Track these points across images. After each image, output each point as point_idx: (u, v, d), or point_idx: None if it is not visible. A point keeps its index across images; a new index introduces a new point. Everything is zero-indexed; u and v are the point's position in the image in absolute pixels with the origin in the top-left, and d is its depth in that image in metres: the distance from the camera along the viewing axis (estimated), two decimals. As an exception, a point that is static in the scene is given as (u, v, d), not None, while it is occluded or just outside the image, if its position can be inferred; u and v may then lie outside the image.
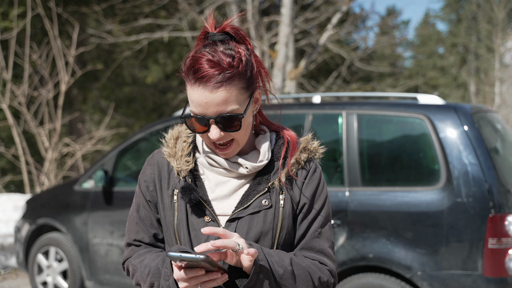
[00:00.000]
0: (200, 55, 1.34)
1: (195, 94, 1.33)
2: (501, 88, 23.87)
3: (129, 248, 1.53)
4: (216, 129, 1.35)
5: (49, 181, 8.76)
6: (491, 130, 3.75)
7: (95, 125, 18.18)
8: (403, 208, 3.44)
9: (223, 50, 1.34)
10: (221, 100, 1.32)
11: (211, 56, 1.33)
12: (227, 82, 1.32)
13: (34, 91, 9.40)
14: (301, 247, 1.45)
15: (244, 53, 1.37)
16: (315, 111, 3.95)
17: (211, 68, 1.31)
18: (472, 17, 32.16)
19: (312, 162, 1.49)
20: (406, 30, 36.54)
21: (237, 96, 1.34)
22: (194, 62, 1.34)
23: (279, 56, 9.39)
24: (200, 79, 1.32)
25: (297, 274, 1.37)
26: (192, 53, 1.37)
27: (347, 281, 3.57)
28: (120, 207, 4.60)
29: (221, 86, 1.31)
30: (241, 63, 1.35)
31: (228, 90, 1.32)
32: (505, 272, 3.22)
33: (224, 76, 1.31)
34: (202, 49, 1.36)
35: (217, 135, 1.35)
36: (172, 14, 13.12)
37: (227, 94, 1.32)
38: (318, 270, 1.42)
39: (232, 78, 1.32)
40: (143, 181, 1.52)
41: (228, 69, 1.32)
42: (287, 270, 1.35)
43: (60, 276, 5.08)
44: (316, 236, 1.45)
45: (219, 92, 1.31)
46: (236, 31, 1.39)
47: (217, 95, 1.32)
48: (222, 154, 1.41)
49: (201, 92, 1.32)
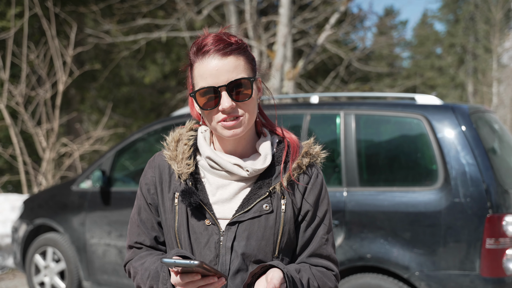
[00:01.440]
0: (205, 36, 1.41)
1: (205, 65, 1.37)
2: (498, 88, 23.91)
3: (131, 251, 1.54)
4: (228, 98, 1.36)
5: (46, 181, 8.74)
6: (488, 130, 3.75)
7: (93, 125, 18.16)
8: (401, 208, 3.44)
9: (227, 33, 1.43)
10: (232, 67, 1.36)
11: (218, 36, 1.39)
12: (236, 52, 1.38)
13: (31, 91, 9.38)
14: (309, 254, 1.47)
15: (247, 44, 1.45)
16: (313, 111, 3.95)
17: (218, 41, 1.37)
18: (470, 17, 32.21)
19: (314, 167, 1.48)
20: (404, 30, 36.61)
21: (245, 67, 1.39)
22: (201, 41, 1.40)
23: (277, 56, 9.39)
24: (209, 50, 1.37)
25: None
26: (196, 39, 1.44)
27: (345, 281, 3.57)
28: (117, 207, 4.59)
29: (231, 54, 1.37)
30: (247, 46, 1.42)
31: (237, 58, 1.38)
32: (502, 272, 3.23)
33: (232, 47, 1.37)
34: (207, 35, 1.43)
35: (228, 103, 1.35)
36: (170, 14, 13.11)
37: (237, 61, 1.37)
38: (328, 281, 1.45)
39: (239, 50, 1.38)
40: (144, 183, 1.52)
41: (234, 43, 1.38)
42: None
43: (57, 276, 5.07)
44: (324, 243, 1.47)
45: (229, 58, 1.36)
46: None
47: (227, 61, 1.36)
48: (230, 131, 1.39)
49: (211, 60, 1.36)
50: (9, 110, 9.29)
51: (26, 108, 9.19)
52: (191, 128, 1.53)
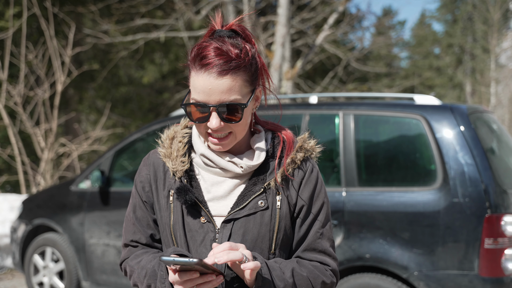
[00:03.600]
0: (208, 44, 1.35)
1: (200, 80, 1.33)
2: (496, 88, 23.94)
3: (127, 249, 1.53)
4: (217, 118, 1.34)
5: (45, 181, 8.74)
6: (487, 130, 3.76)
7: (91, 125, 18.13)
8: (400, 209, 3.45)
9: (231, 42, 1.35)
10: (226, 88, 1.31)
11: (219, 45, 1.33)
12: (233, 71, 1.32)
13: (30, 91, 9.37)
14: (304, 249, 1.46)
15: (250, 49, 1.38)
16: (312, 111, 3.95)
17: (218, 55, 1.31)
18: (468, 17, 32.24)
19: (308, 161, 1.47)
20: (402, 30, 36.65)
21: (241, 88, 1.34)
22: (202, 49, 1.34)
23: (276, 56, 9.40)
24: (207, 65, 1.31)
25: (299, 285, 1.38)
26: (199, 42, 1.38)
27: (344, 281, 3.58)
28: (116, 207, 4.59)
29: (227, 74, 1.31)
30: (248, 57, 1.35)
31: (233, 79, 1.32)
32: (501, 272, 3.23)
33: (231, 65, 1.31)
34: (209, 39, 1.37)
35: (216, 124, 1.34)
36: (169, 14, 13.11)
37: (232, 82, 1.32)
38: (321, 274, 1.42)
39: (238, 68, 1.32)
40: (139, 181, 1.52)
41: (235, 59, 1.32)
42: (288, 283, 1.36)
43: (56, 276, 5.07)
44: (318, 238, 1.45)
45: (224, 79, 1.31)
46: (243, 30, 1.40)
47: (222, 82, 1.31)
48: (217, 146, 1.39)
49: (206, 78, 1.32)
50: (8, 110, 9.28)
51: (24, 108, 9.18)
52: (186, 126, 1.52)
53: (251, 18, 9.97)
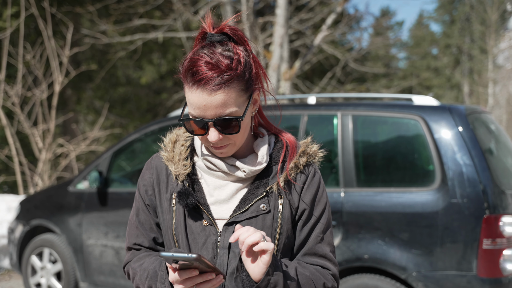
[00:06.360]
0: (198, 57, 1.32)
1: (194, 96, 1.32)
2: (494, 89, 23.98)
3: (130, 252, 1.54)
4: (215, 131, 1.34)
5: (42, 182, 8.72)
6: (485, 131, 3.77)
7: (89, 125, 18.11)
8: (398, 209, 3.45)
9: (221, 51, 1.33)
10: (220, 103, 1.31)
11: (209, 58, 1.31)
12: (226, 85, 1.30)
13: (27, 92, 9.36)
14: (304, 253, 1.46)
15: (243, 54, 1.35)
16: (310, 112, 3.95)
17: (209, 70, 1.30)
18: (466, 18, 32.30)
19: (311, 166, 1.48)
20: (400, 31, 36.64)
21: (236, 99, 1.33)
22: (192, 64, 1.32)
23: (274, 56, 9.40)
24: (199, 81, 1.30)
25: (302, 284, 1.38)
26: (190, 55, 1.35)
27: (342, 282, 3.58)
28: (114, 208, 4.58)
29: (220, 89, 1.30)
30: (240, 65, 1.33)
31: (226, 92, 1.31)
32: (499, 272, 3.24)
33: (222, 79, 1.30)
34: (200, 51, 1.34)
35: (215, 137, 1.34)
36: (167, 15, 13.10)
37: (226, 96, 1.31)
38: (322, 277, 1.42)
39: (231, 81, 1.31)
40: (142, 185, 1.52)
41: (227, 71, 1.30)
42: (294, 280, 1.36)
43: (54, 277, 5.06)
44: (319, 242, 1.45)
45: (217, 94, 1.30)
46: (234, 32, 1.37)
47: (215, 98, 1.30)
48: (218, 153, 1.41)
49: (199, 94, 1.31)
50: (5, 111, 9.26)
51: (22, 109, 9.16)
52: None
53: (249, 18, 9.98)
